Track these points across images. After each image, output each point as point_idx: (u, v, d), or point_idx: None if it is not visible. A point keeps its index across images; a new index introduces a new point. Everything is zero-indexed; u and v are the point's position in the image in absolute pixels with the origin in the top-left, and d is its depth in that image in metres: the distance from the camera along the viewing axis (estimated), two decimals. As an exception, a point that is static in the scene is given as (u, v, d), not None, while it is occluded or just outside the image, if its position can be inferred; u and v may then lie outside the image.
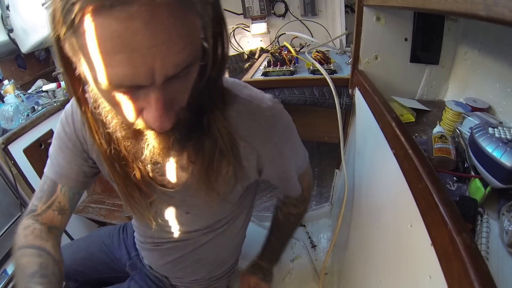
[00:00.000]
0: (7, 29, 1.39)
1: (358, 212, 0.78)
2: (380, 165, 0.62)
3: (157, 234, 0.64)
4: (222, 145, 0.47)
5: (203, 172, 0.49)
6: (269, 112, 0.49)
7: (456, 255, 0.28)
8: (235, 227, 0.67)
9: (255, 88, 0.53)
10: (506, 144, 0.42)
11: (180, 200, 0.56)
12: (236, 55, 1.48)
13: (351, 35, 0.85)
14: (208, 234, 0.63)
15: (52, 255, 0.52)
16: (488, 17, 0.27)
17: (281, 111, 0.52)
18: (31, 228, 0.53)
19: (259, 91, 0.53)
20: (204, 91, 0.42)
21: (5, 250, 1.07)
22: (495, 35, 0.63)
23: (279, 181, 0.61)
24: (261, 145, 0.51)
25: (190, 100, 0.38)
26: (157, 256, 0.69)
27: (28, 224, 0.54)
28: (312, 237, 1.30)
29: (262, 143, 0.50)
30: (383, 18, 0.76)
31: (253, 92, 0.51)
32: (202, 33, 0.33)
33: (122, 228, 0.86)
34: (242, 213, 0.66)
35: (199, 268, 0.69)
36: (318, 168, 1.73)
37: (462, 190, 0.49)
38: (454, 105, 0.64)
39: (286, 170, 0.58)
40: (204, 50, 0.35)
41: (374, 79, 0.79)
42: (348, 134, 1.00)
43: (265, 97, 0.51)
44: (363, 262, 0.68)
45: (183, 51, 0.30)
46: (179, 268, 0.69)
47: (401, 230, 0.45)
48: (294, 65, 1.05)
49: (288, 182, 0.62)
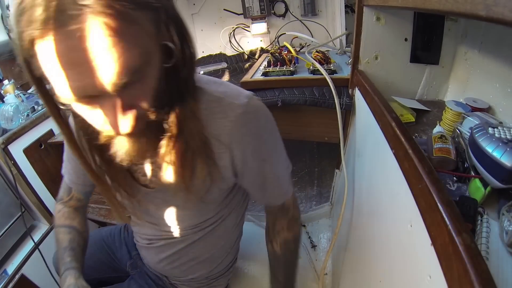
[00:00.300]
0: (7, 29, 1.39)
1: (358, 212, 0.78)
2: (380, 165, 0.62)
3: (150, 232, 0.66)
4: (193, 145, 0.46)
5: (178, 172, 0.48)
6: (241, 109, 0.47)
7: (456, 255, 0.28)
8: (226, 227, 0.66)
9: (234, 85, 0.52)
10: (506, 144, 0.42)
11: (163, 200, 0.57)
12: (236, 55, 1.48)
13: (351, 35, 0.85)
14: (198, 232, 0.63)
15: (79, 229, 0.67)
16: (488, 17, 0.27)
17: (258, 109, 0.50)
18: (62, 211, 0.68)
19: (237, 88, 0.51)
20: (174, 91, 0.43)
21: (5, 250, 1.07)
22: (495, 35, 0.63)
23: (257, 188, 0.57)
24: (234, 145, 0.49)
25: (157, 101, 0.40)
26: (152, 253, 0.70)
27: (59, 208, 0.68)
28: (312, 237, 1.30)
29: (234, 142, 0.49)
30: (383, 18, 0.76)
31: (229, 88, 0.50)
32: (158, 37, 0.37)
33: (124, 228, 0.86)
34: (232, 213, 0.65)
35: (195, 266, 0.69)
36: (318, 168, 1.73)
37: (462, 190, 0.49)
38: (454, 105, 0.64)
39: (263, 174, 0.54)
40: (169, 51, 0.38)
41: (374, 79, 0.79)
42: (348, 134, 1.00)
43: (242, 94, 0.49)
44: (363, 262, 0.68)
45: (126, 59, 0.33)
46: (174, 266, 0.69)
47: (401, 230, 0.45)
48: (294, 65, 1.05)
49: (266, 188, 0.57)
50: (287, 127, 1.08)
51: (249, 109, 0.48)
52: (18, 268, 1.05)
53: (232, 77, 1.23)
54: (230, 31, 1.53)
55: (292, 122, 1.07)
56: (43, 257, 1.08)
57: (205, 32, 1.57)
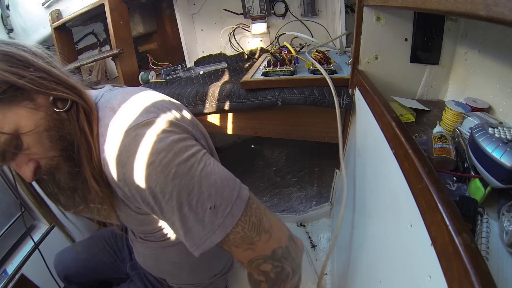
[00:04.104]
0: (7, 29, 1.40)
1: (358, 212, 0.78)
2: (380, 165, 0.62)
3: (131, 232, 0.70)
4: (98, 190, 0.47)
5: (107, 207, 0.51)
6: (127, 138, 0.44)
7: (456, 255, 0.28)
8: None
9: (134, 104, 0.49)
10: (506, 144, 0.42)
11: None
12: (236, 55, 1.48)
13: (351, 35, 0.85)
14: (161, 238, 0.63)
15: None
16: (488, 17, 0.26)
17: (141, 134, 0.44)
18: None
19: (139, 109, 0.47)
20: (69, 139, 0.48)
21: (5, 250, 1.07)
22: (495, 35, 0.63)
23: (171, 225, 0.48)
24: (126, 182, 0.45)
25: (54, 152, 0.47)
26: (136, 252, 0.73)
27: None
28: (312, 237, 1.30)
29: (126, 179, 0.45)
30: (383, 18, 0.75)
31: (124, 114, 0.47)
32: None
33: (125, 228, 0.86)
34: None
35: (179, 271, 0.69)
36: (318, 168, 1.73)
37: (462, 190, 0.49)
38: (454, 105, 0.64)
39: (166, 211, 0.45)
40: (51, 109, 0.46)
41: (374, 79, 0.79)
42: (348, 134, 1.00)
43: (134, 118, 0.46)
44: (363, 262, 0.68)
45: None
46: (160, 269, 0.70)
47: (401, 230, 0.45)
48: (294, 65, 1.05)
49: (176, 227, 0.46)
50: (287, 127, 1.08)
51: (130, 139, 0.47)
52: (18, 268, 1.05)
53: (232, 77, 1.23)
54: (230, 31, 1.53)
55: (292, 122, 1.07)
56: (43, 257, 1.08)
57: (205, 32, 1.57)
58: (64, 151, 0.47)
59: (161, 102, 0.51)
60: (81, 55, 1.82)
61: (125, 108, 0.48)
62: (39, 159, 0.47)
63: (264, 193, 1.60)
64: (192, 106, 1.10)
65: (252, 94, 1.01)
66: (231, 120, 1.13)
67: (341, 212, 0.85)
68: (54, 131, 0.46)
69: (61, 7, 1.46)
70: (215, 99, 1.07)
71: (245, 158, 1.96)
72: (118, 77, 1.43)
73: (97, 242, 0.86)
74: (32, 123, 0.44)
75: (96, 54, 1.61)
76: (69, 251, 0.87)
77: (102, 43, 1.83)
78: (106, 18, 1.26)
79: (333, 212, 1.33)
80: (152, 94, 0.53)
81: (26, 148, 0.45)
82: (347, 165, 0.94)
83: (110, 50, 1.38)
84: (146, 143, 0.43)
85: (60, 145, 0.47)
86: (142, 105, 0.48)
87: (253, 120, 1.11)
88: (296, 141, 1.95)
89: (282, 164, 1.85)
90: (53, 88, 0.45)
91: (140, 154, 0.43)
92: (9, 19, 1.48)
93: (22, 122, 0.43)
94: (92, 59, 1.41)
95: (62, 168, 0.48)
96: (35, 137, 0.44)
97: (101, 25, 1.71)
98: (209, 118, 1.15)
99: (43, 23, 1.49)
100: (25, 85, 0.42)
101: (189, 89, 1.13)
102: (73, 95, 0.47)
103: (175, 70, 1.35)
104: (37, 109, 0.44)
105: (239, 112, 1.09)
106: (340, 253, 0.95)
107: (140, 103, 0.49)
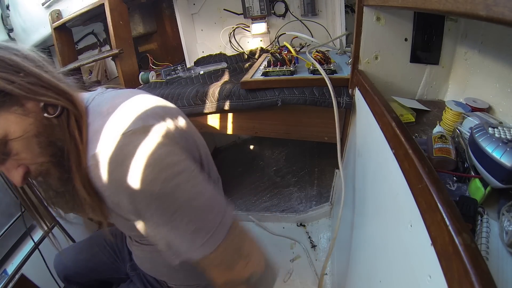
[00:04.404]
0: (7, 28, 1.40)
1: (358, 212, 0.78)
2: (380, 165, 0.62)
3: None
4: (87, 197, 0.46)
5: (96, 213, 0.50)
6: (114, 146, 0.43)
7: (456, 255, 0.28)
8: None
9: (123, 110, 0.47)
10: (506, 144, 0.42)
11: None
12: (236, 55, 1.48)
13: (351, 35, 0.85)
14: (151, 246, 0.63)
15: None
16: (488, 17, 0.26)
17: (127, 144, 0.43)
18: None
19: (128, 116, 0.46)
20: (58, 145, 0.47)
21: (5, 250, 1.07)
22: (495, 35, 0.63)
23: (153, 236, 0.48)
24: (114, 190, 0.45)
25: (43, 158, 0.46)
26: (134, 255, 0.73)
27: None
28: (312, 237, 1.30)
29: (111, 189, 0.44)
30: (383, 18, 0.75)
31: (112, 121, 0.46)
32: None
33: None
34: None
35: (176, 273, 0.69)
36: (318, 168, 1.73)
37: (462, 190, 0.49)
38: (454, 105, 0.64)
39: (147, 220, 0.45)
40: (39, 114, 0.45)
41: (374, 79, 0.79)
42: (348, 134, 1.00)
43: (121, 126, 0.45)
44: (363, 262, 0.68)
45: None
46: (157, 272, 0.70)
47: (401, 230, 0.45)
48: (294, 65, 1.05)
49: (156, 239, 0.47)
50: (287, 127, 1.08)
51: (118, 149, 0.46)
52: (18, 268, 1.05)
53: (232, 77, 1.23)
54: (230, 31, 1.53)
55: (292, 122, 1.07)
56: (43, 257, 1.08)
57: (205, 32, 1.57)
58: (53, 157, 0.46)
59: (152, 108, 0.49)
60: (81, 55, 1.82)
61: (114, 115, 0.47)
62: (28, 165, 0.46)
63: (264, 193, 1.60)
64: (192, 106, 1.10)
65: (252, 94, 1.01)
66: (231, 120, 1.14)
67: (340, 212, 0.85)
68: (43, 137, 0.45)
69: (61, 7, 1.46)
70: (215, 99, 1.07)
71: (245, 158, 1.96)
72: (118, 77, 1.43)
73: (97, 242, 0.86)
74: (21, 129, 0.43)
75: (96, 54, 1.61)
76: (69, 251, 0.87)
77: (102, 43, 1.83)
78: (106, 18, 1.27)
79: (333, 212, 1.33)
80: (144, 99, 0.51)
81: (15, 153, 0.44)
82: (347, 165, 0.94)
83: (110, 50, 1.38)
84: (131, 154, 0.42)
85: (49, 151, 0.46)
86: (132, 112, 0.47)
87: (253, 120, 1.11)
88: (296, 141, 1.95)
89: (282, 164, 1.85)
90: (43, 93, 0.45)
91: (125, 166, 0.42)
92: (9, 19, 1.48)
93: (11, 128, 0.42)
94: (92, 59, 1.42)
95: (52, 173, 0.48)
96: (24, 142, 0.44)
97: (101, 25, 1.71)
98: (209, 118, 1.15)
99: (43, 23, 1.49)
100: (13, 91, 0.42)
101: (189, 89, 1.13)
102: (63, 101, 0.46)
103: (175, 70, 1.35)
104: (27, 114, 0.44)
105: (239, 112, 1.09)
106: (340, 253, 0.95)
107: (130, 109, 0.47)
